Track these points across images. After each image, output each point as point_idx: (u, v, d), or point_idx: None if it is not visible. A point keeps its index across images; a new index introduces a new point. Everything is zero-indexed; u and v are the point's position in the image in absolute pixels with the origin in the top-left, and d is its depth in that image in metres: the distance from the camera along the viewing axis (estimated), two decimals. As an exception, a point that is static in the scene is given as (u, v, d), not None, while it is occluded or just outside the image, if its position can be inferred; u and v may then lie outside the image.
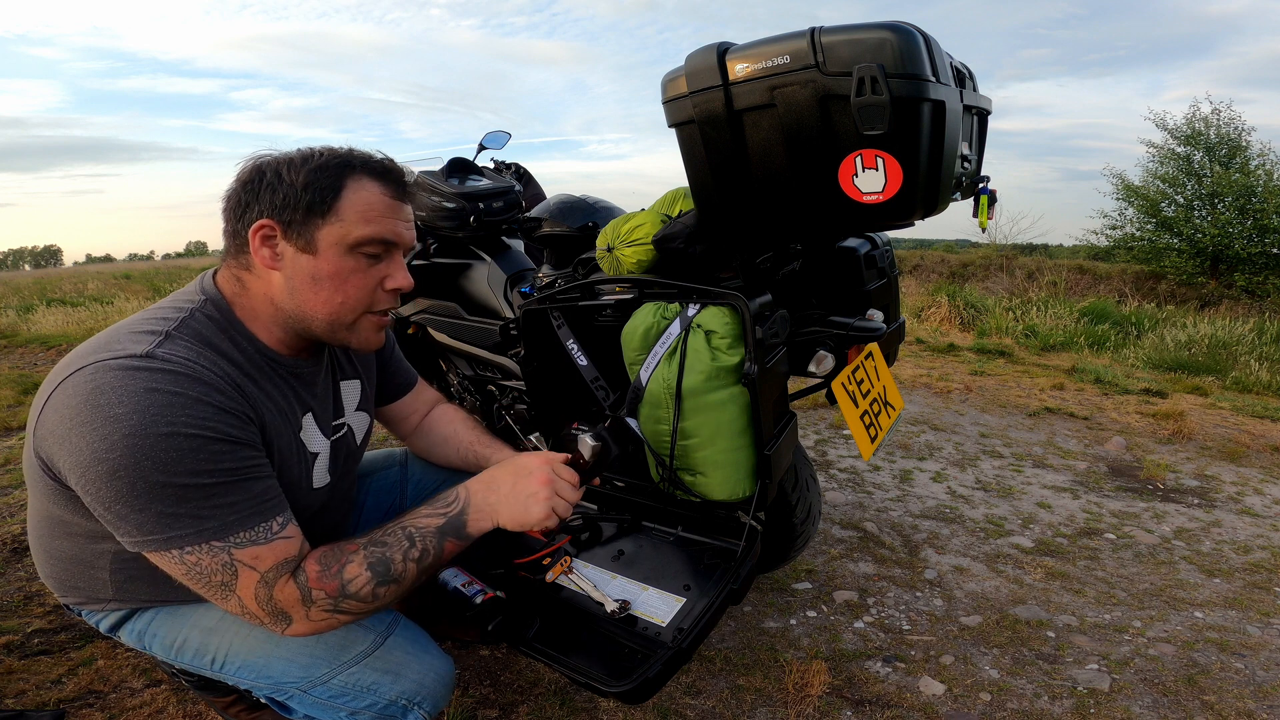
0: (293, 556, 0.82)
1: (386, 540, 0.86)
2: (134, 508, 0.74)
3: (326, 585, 0.82)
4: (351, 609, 0.84)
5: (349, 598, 0.83)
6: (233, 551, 0.78)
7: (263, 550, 0.79)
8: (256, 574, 0.79)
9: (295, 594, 0.81)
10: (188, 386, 0.76)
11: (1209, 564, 2.06)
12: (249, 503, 0.79)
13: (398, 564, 0.85)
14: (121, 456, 0.72)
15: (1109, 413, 3.62)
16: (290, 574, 0.81)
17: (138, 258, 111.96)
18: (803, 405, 3.36)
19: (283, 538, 0.81)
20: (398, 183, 0.90)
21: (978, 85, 1.24)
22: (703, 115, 1.10)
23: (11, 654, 1.47)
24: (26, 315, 7.15)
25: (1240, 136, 13.54)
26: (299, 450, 0.94)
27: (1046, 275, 11.54)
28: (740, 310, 1.14)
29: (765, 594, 1.80)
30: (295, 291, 0.86)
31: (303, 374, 0.96)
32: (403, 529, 0.87)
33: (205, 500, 0.76)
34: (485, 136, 2.51)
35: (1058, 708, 1.41)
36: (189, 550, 0.76)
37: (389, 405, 1.25)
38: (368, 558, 0.84)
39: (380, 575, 0.84)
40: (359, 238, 0.85)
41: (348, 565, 0.83)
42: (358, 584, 0.83)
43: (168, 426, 0.73)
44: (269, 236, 0.85)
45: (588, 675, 0.99)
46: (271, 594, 0.80)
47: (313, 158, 0.85)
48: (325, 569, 0.82)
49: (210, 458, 0.76)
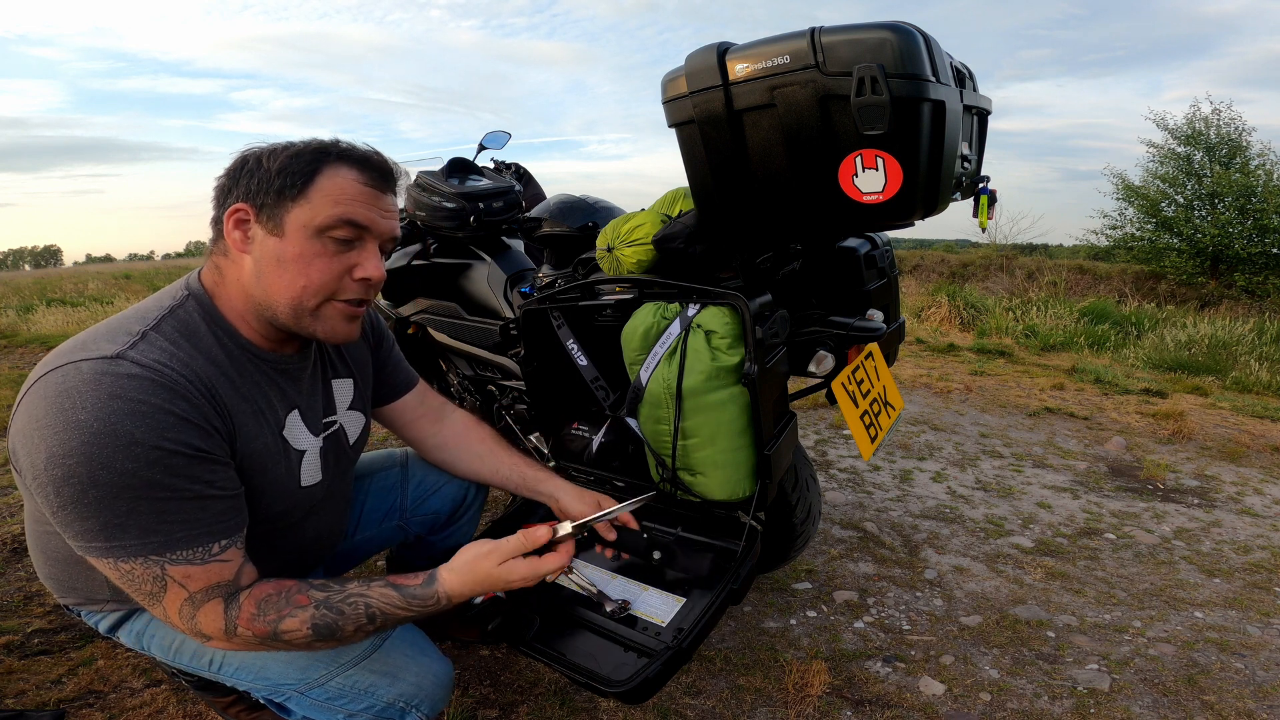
0: (225, 581, 0.80)
1: (343, 609, 0.83)
2: (81, 514, 0.73)
3: (256, 629, 0.80)
4: (278, 648, 0.84)
5: (279, 641, 0.82)
6: (166, 567, 0.77)
7: (195, 570, 0.78)
8: (185, 592, 0.78)
9: (220, 624, 0.80)
10: (153, 394, 0.75)
11: (1209, 564, 2.06)
12: (196, 522, 0.78)
13: (346, 631, 0.83)
14: (77, 464, 0.71)
15: (1109, 413, 3.62)
16: (221, 599, 0.80)
17: (138, 258, 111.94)
18: (803, 405, 3.36)
19: (219, 560, 0.80)
20: (377, 172, 0.88)
21: (978, 85, 1.24)
22: (703, 115, 1.10)
23: (11, 654, 1.47)
24: (26, 315, 7.15)
25: (1241, 136, 13.55)
26: (282, 448, 0.92)
27: (1046, 275, 11.54)
28: (740, 310, 1.14)
29: (765, 594, 1.80)
30: (262, 275, 0.85)
31: (287, 370, 0.95)
32: (366, 606, 0.84)
33: (154, 515, 0.75)
34: (485, 136, 2.51)
35: (1058, 708, 1.41)
36: (124, 560, 0.76)
37: (388, 406, 1.23)
38: (314, 619, 0.82)
39: (323, 636, 0.82)
40: (326, 220, 0.84)
41: (288, 619, 0.81)
42: (292, 636, 0.82)
43: (127, 436, 0.72)
44: (243, 220, 0.85)
45: (588, 675, 0.99)
46: (195, 614, 0.79)
47: (293, 146, 0.86)
48: (261, 614, 0.81)
49: (166, 471, 0.75)
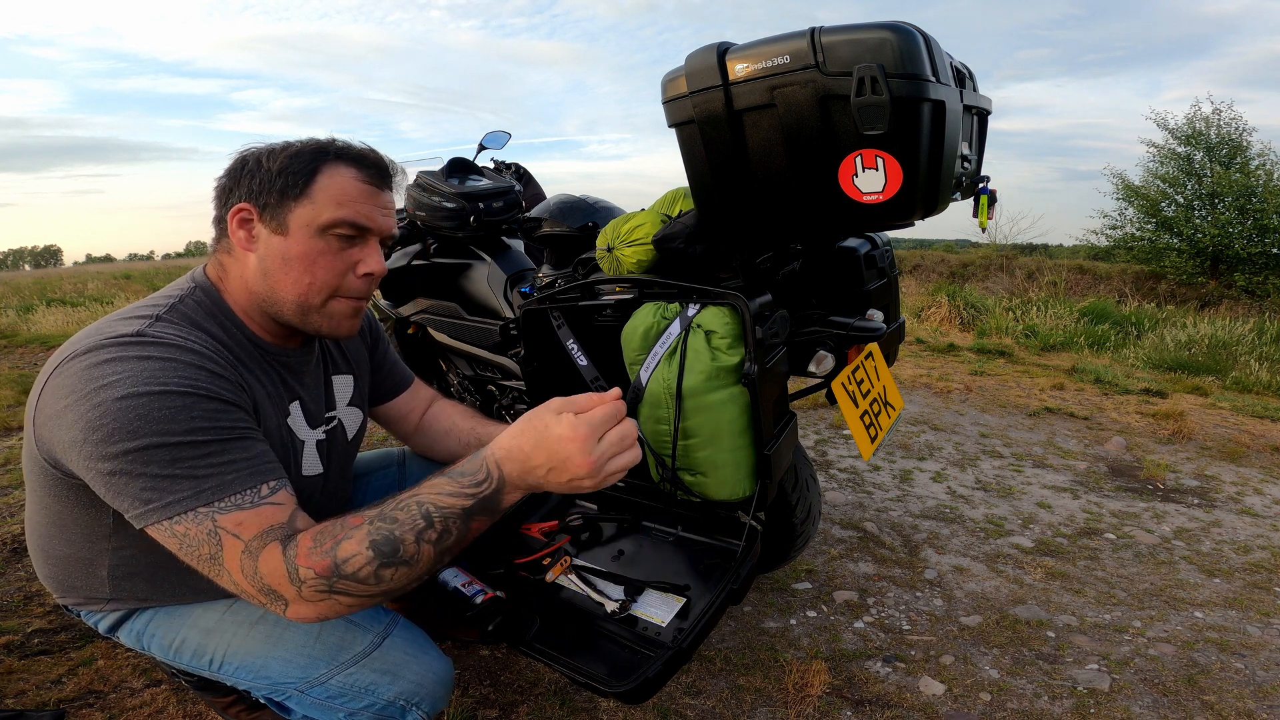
0: (280, 524, 0.75)
1: (397, 516, 0.74)
2: (131, 474, 0.72)
3: (316, 563, 0.71)
4: (351, 591, 0.73)
5: (345, 578, 0.72)
6: (216, 518, 0.73)
7: (247, 516, 0.73)
8: (240, 543, 0.72)
9: (281, 569, 0.72)
10: (179, 354, 0.77)
11: (1209, 564, 2.06)
12: (244, 463, 0.77)
13: (409, 545, 0.73)
14: (115, 419, 0.71)
15: (1109, 413, 3.62)
16: (279, 544, 0.73)
17: (138, 258, 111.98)
18: (803, 405, 3.36)
19: (270, 503, 0.76)
20: (376, 170, 0.90)
21: (978, 85, 1.24)
22: (703, 115, 1.10)
23: (11, 654, 1.47)
24: (26, 315, 7.15)
25: (1241, 136, 13.56)
26: (287, 436, 0.95)
27: (1046, 275, 11.54)
28: (740, 310, 1.14)
29: (765, 594, 1.80)
30: (268, 273, 0.88)
31: (291, 363, 0.97)
32: (419, 504, 0.74)
33: (201, 459, 0.74)
34: (485, 136, 2.51)
35: (1058, 708, 1.41)
36: (177, 520, 0.73)
37: (385, 405, 1.25)
38: (371, 534, 0.73)
39: (385, 556, 0.72)
40: (329, 220, 0.86)
41: (344, 542, 0.72)
42: (355, 564, 0.72)
43: (160, 386, 0.73)
44: (246, 220, 0.87)
45: (588, 675, 0.99)
46: (256, 566, 0.72)
47: (292, 146, 0.88)
48: (318, 545, 0.73)
49: (204, 415, 0.75)
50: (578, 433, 0.72)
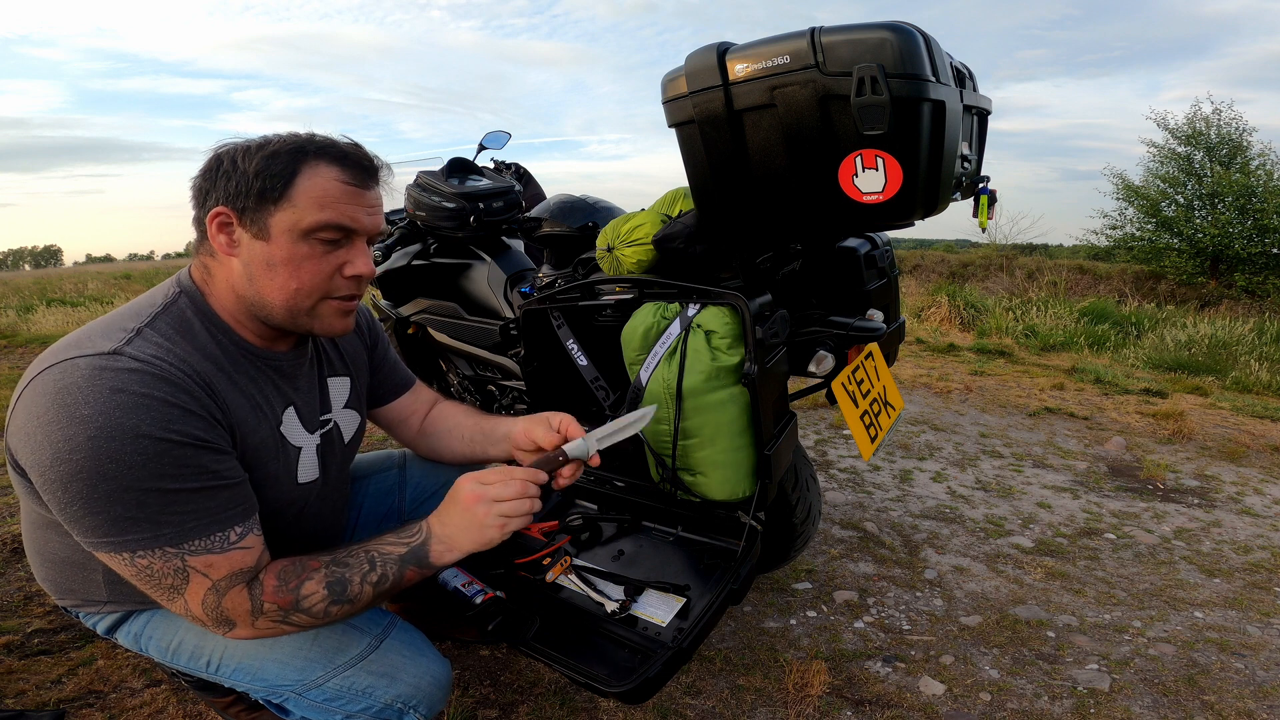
0: (248, 568, 0.81)
1: (348, 561, 0.85)
2: (91, 510, 0.73)
3: (281, 600, 0.81)
4: (299, 622, 0.84)
5: (300, 612, 0.82)
6: (186, 558, 0.77)
7: (217, 559, 0.79)
8: (209, 581, 0.78)
9: (245, 605, 0.80)
10: (154, 387, 0.75)
11: (1209, 564, 2.06)
12: (209, 511, 0.78)
13: (354, 585, 0.84)
14: (84, 459, 0.71)
15: (1109, 413, 3.62)
16: (245, 584, 0.80)
17: (138, 258, 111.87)
18: (803, 405, 3.36)
19: (240, 548, 0.80)
20: (358, 168, 0.86)
21: (978, 85, 1.24)
22: (703, 115, 1.10)
23: (11, 654, 1.47)
24: (26, 315, 7.15)
25: (1241, 137, 13.55)
26: (280, 444, 0.92)
27: (1046, 275, 11.54)
28: (740, 310, 1.14)
29: (765, 594, 1.80)
30: (253, 278, 0.85)
31: (282, 367, 0.94)
32: (365, 552, 0.86)
33: (165, 506, 0.75)
34: (485, 137, 2.51)
35: (1058, 708, 1.41)
36: (140, 554, 0.76)
37: (386, 406, 1.22)
38: (327, 576, 0.83)
39: (336, 595, 0.83)
40: (311, 224, 0.82)
41: (306, 582, 0.82)
42: (311, 600, 0.82)
43: (132, 429, 0.72)
44: (225, 224, 0.83)
45: (588, 675, 0.99)
46: (220, 602, 0.79)
47: (269, 144, 0.83)
48: (283, 584, 0.82)
49: (174, 463, 0.75)
50: (473, 482, 0.89)
